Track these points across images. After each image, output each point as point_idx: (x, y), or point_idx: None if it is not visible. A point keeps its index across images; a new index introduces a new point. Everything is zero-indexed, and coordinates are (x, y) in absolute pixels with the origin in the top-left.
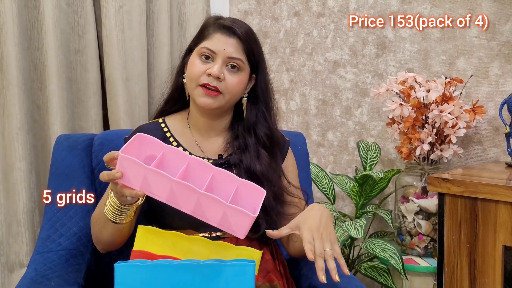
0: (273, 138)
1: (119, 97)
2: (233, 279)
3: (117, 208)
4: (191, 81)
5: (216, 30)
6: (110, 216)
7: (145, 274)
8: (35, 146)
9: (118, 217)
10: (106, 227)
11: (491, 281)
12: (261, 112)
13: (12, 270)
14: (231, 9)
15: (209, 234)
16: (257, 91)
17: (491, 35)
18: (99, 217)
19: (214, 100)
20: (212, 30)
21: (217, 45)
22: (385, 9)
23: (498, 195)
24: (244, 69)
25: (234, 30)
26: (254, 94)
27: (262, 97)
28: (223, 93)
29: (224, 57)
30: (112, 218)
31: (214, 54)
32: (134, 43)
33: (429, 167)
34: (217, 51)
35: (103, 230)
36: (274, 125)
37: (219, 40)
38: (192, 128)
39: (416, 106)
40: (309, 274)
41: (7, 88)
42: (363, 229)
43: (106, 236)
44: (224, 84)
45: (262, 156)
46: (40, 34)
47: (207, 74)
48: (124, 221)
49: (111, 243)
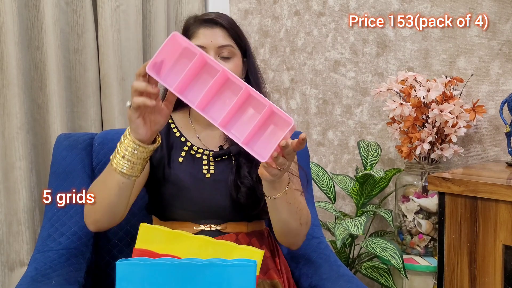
0: None
1: (114, 97)
2: (235, 279)
3: (129, 150)
4: None
5: (199, 26)
6: (120, 164)
7: (146, 273)
8: (35, 145)
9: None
10: (107, 184)
11: (491, 280)
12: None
13: (13, 269)
14: (231, 8)
15: (209, 227)
16: (249, 74)
17: (491, 35)
18: (99, 179)
19: None
20: (195, 28)
21: (204, 40)
22: (386, 8)
23: (498, 195)
24: (236, 54)
25: (215, 21)
26: (246, 79)
27: (254, 79)
28: None
29: (214, 48)
30: (121, 166)
31: (204, 48)
32: (130, 43)
33: (429, 166)
34: (206, 45)
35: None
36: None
37: (205, 34)
38: (194, 123)
39: (416, 105)
40: (309, 273)
41: (7, 87)
42: (363, 226)
43: (104, 200)
44: None
45: None
46: (40, 33)
47: None
48: (131, 171)
49: (109, 212)
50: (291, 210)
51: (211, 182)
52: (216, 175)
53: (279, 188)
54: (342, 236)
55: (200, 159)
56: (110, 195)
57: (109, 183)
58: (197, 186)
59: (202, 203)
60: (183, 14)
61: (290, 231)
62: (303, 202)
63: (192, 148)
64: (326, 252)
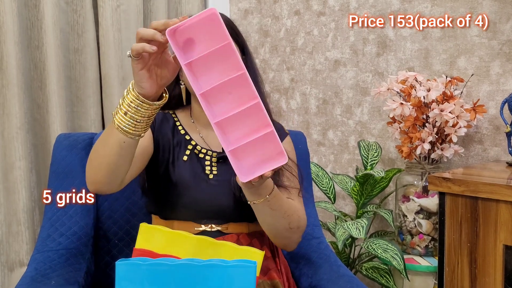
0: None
1: (115, 97)
2: (235, 280)
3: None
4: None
5: None
6: (122, 121)
7: (146, 273)
8: (35, 145)
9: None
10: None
11: (492, 281)
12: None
13: (12, 269)
14: (231, 8)
15: (211, 228)
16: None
17: (491, 34)
18: (101, 137)
19: None
20: None
21: None
22: (386, 8)
23: (499, 195)
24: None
25: None
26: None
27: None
28: None
29: None
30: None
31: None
32: (131, 42)
33: (429, 166)
34: None
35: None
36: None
37: None
38: (195, 122)
39: (416, 105)
40: (309, 273)
41: (7, 87)
42: (364, 230)
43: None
44: None
45: None
46: (40, 33)
47: None
48: (138, 131)
49: (109, 172)
50: (276, 216)
51: (213, 183)
52: (218, 175)
53: (259, 195)
54: (343, 237)
55: (203, 159)
56: (110, 154)
57: (110, 141)
58: (199, 186)
59: (204, 203)
60: (183, 14)
61: (278, 234)
62: (297, 206)
63: (196, 147)
64: (326, 252)
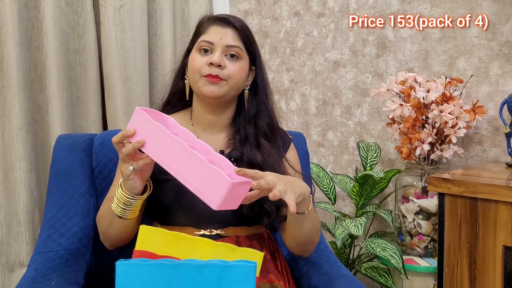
0: (274, 126)
1: (118, 97)
2: (234, 280)
3: (124, 202)
4: (193, 75)
5: (211, 23)
6: (117, 211)
7: (146, 273)
8: (35, 146)
9: (125, 212)
10: (113, 223)
11: (491, 281)
12: (261, 102)
13: (12, 270)
14: (231, 9)
15: (210, 232)
16: (257, 82)
17: (491, 35)
18: (105, 213)
19: (218, 87)
20: (208, 24)
21: (214, 37)
22: (385, 9)
23: (498, 195)
24: (243, 57)
25: (228, 21)
26: (254, 86)
27: (262, 87)
28: (226, 79)
29: (222, 46)
30: (119, 213)
31: (212, 45)
32: (135, 42)
33: (429, 167)
34: (214, 41)
35: (110, 227)
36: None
37: (215, 32)
38: (195, 125)
39: (416, 106)
40: (309, 274)
41: (7, 88)
42: (363, 227)
43: (113, 232)
44: (226, 71)
45: (262, 145)
46: (40, 34)
47: (208, 64)
48: (129, 216)
49: (119, 239)
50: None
51: None
52: None
53: (306, 203)
54: (342, 236)
55: None
56: (115, 228)
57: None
58: None
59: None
60: (189, 14)
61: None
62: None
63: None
64: (326, 252)
